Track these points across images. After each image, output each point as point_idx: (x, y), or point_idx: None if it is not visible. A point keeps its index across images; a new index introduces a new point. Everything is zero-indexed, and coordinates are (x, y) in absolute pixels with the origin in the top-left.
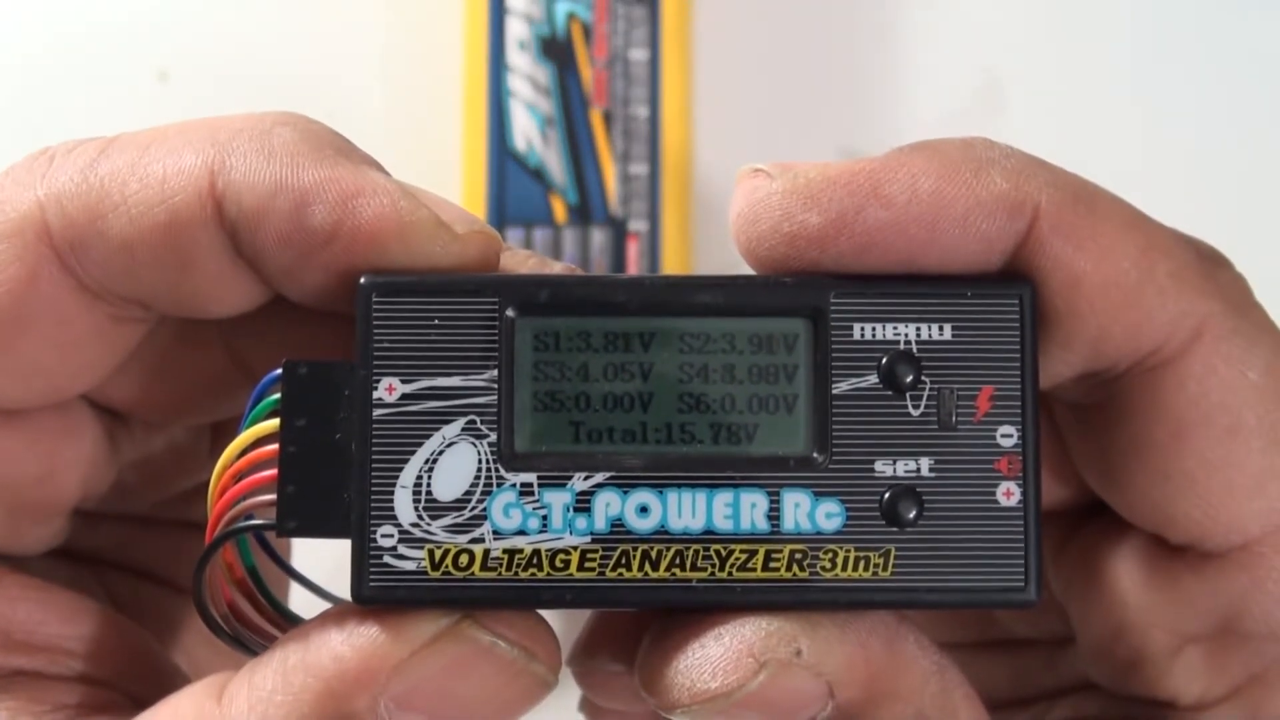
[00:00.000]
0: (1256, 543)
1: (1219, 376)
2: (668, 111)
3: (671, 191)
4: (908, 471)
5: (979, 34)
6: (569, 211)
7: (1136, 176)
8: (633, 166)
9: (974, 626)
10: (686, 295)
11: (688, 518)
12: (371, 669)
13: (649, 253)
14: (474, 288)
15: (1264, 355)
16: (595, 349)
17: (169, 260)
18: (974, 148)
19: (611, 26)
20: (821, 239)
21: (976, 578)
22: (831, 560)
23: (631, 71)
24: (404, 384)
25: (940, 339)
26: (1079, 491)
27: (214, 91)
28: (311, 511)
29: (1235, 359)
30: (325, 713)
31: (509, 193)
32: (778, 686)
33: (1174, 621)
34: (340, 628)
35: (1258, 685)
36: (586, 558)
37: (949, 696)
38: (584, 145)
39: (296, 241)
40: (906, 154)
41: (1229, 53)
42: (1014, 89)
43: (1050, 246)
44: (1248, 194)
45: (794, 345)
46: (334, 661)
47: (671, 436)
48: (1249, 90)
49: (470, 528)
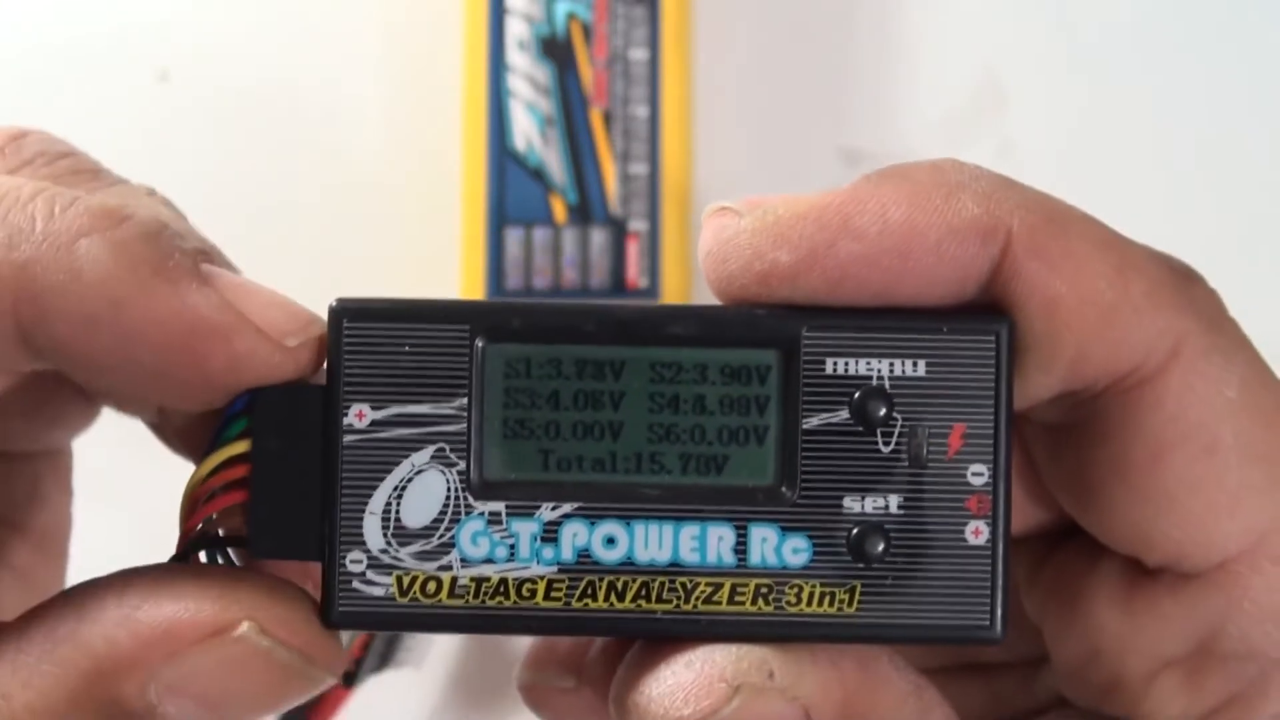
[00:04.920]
0: (1234, 562)
1: (1196, 394)
2: (668, 111)
3: (671, 191)
4: (876, 508)
5: (979, 34)
6: (569, 211)
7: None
8: (633, 166)
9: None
10: (658, 325)
11: (654, 550)
12: (144, 657)
13: (649, 253)
14: (445, 314)
15: (1240, 372)
16: (566, 377)
17: None
18: (943, 171)
19: (611, 26)
20: (793, 275)
21: (943, 615)
22: (797, 595)
23: (631, 71)
24: (374, 410)
25: (914, 375)
26: (1053, 515)
27: (214, 91)
28: (282, 534)
29: (1212, 376)
30: (91, 692)
31: (509, 193)
32: (752, 711)
33: (1150, 644)
34: (119, 602)
35: (1235, 706)
36: (553, 587)
37: (928, 716)
38: (584, 145)
39: (118, 372)
40: (875, 183)
41: (1229, 52)
42: (1014, 89)
43: (1025, 269)
44: (1248, 194)
45: (766, 377)
46: (105, 643)
47: (641, 466)
48: (1249, 90)
49: (438, 555)
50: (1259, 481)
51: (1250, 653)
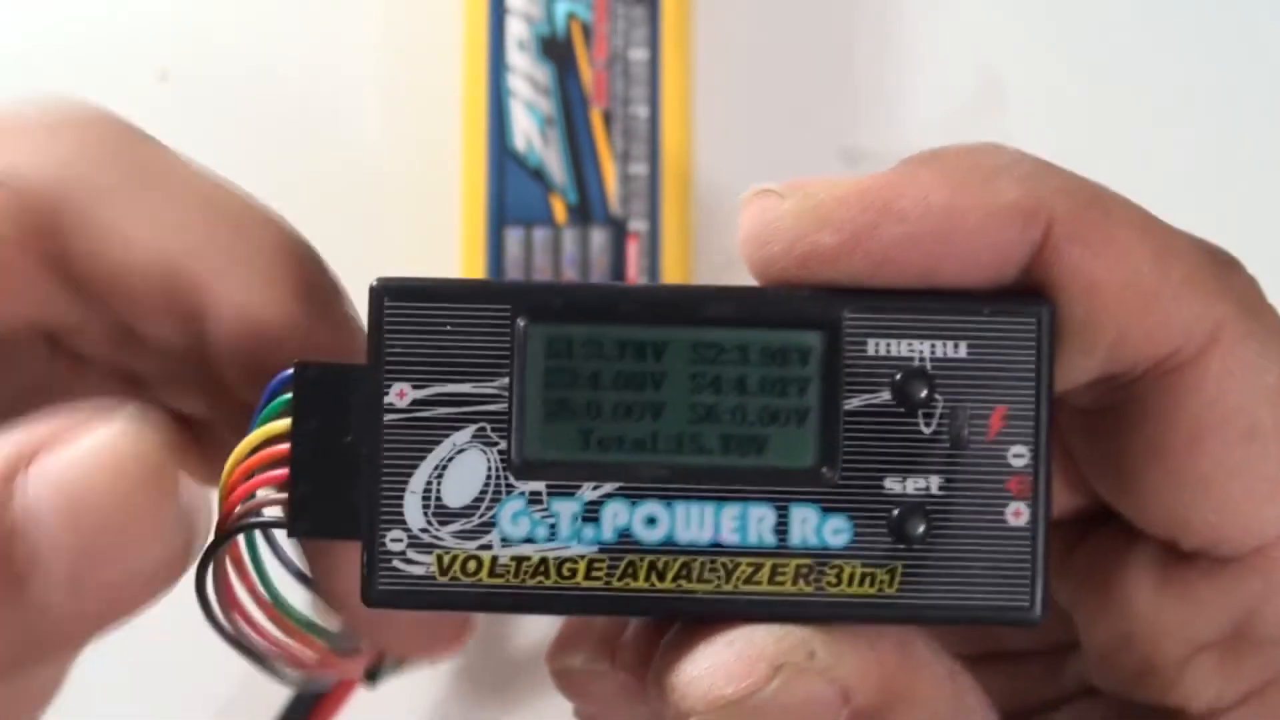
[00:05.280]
0: (1271, 546)
1: (1236, 379)
2: (668, 111)
3: (671, 191)
4: (917, 489)
5: (979, 34)
6: (569, 211)
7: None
8: (633, 166)
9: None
10: (700, 306)
11: (695, 530)
12: (28, 446)
13: (649, 253)
14: (487, 294)
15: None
16: (608, 357)
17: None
18: (984, 155)
19: (611, 26)
20: (835, 258)
21: (983, 596)
22: (838, 576)
23: (631, 71)
24: (415, 389)
25: (955, 356)
26: (1087, 499)
27: (214, 91)
28: (322, 513)
29: (1252, 362)
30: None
31: (508, 193)
32: (792, 692)
33: (1185, 629)
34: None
35: (1270, 690)
36: (593, 567)
37: (963, 700)
38: (584, 145)
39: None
40: (916, 166)
41: (1230, 52)
42: (1014, 88)
43: (1066, 254)
44: (1249, 193)
45: (807, 359)
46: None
47: (682, 446)
48: (1250, 89)
49: (479, 534)
50: None
51: None
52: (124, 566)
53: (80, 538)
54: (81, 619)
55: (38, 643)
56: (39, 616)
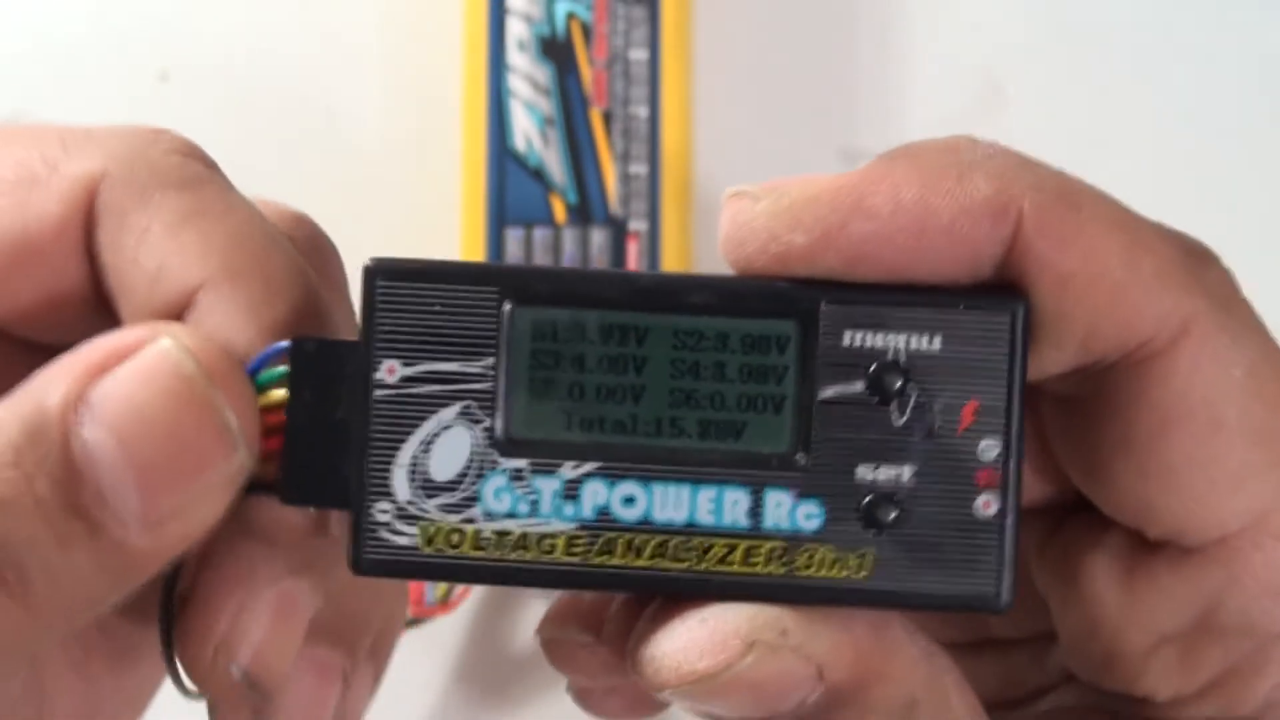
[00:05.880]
0: (1234, 538)
1: (1204, 373)
2: (668, 111)
3: (671, 191)
4: (888, 478)
5: (979, 34)
6: (569, 211)
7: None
8: (633, 166)
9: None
10: (682, 293)
11: (671, 510)
12: (77, 373)
13: (649, 252)
14: (475, 276)
15: (1249, 352)
16: (591, 341)
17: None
18: (957, 150)
19: (611, 26)
20: (809, 256)
21: (951, 584)
22: (809, 559)
23: (631, 71)
24: (405, 366)
25: (929, 350)
26: (1062, 487)
27: (214, 91)
28: (314, 483)
29: (1220, 356)
30: (22, 407)
31: (509, 193)
32: (765, 668)
33: (1149, 618)
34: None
35: (1232, 679)
36: (572, 543)
37: (939, 680)
38: (584, 145)
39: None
40: (889, 162)
41: (1229, 51)
42: (1014, 88)
43: (1036, 248)
44: (1249, 192)
45: (785, 347)
46: (47, 371)
47: (661, 430)
48: (1250, 88)
49: (463, 508)
50: (1261, 460)
51: (1248, 628)
52: (187, 490)
53: (139, 472)
54: (156, 548)
55: (119, 576)
56: (116, 552)
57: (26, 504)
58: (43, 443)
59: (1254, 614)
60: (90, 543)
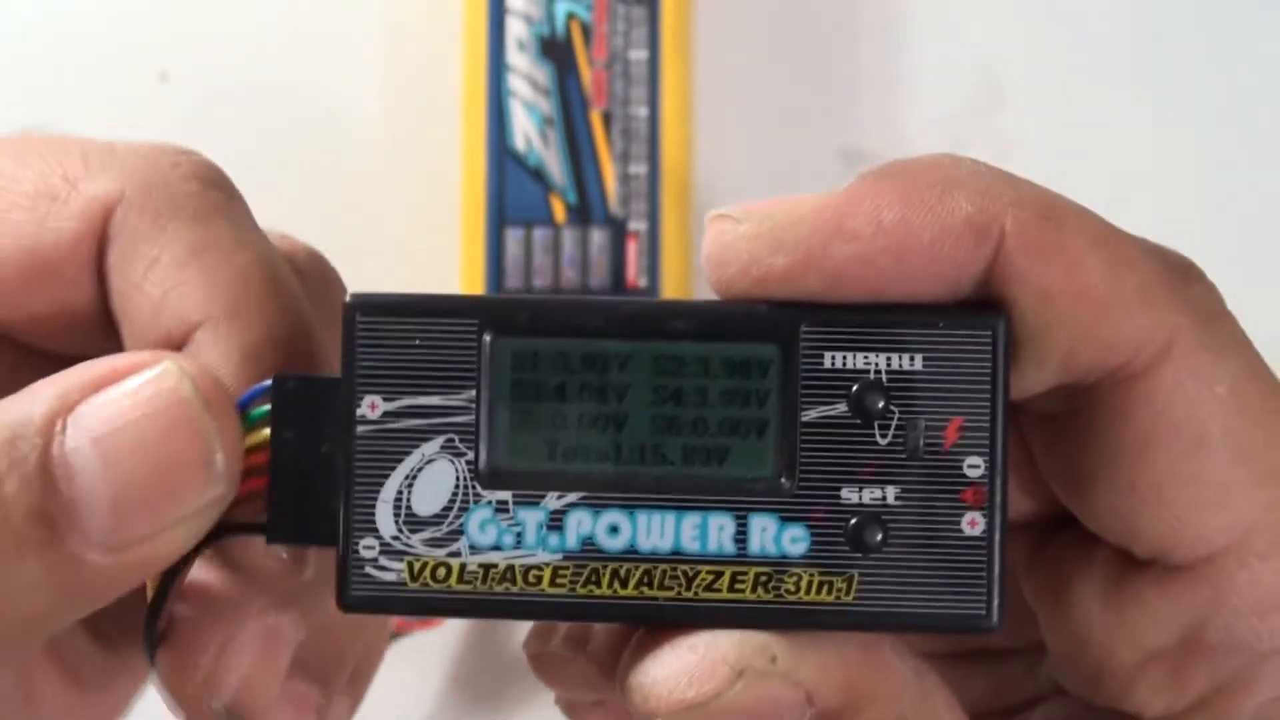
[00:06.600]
0: (1220, 555)
1: (1186, 391)
2: (667, 111)
3: (671, 191)
4: (873, 499)
5: (979, 33)
6: (568, 211)
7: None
8: (632, 166)
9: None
10: (662, 319)
11: (656, 538)
12: (70, 388)
13: (648, 252)
14: (454, 309)
15: (1232, 370)
16: (572, 370)
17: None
18: (939, 169)
19: (611, 26)
20: (789, 278)
21: (940, 604)
22: (796, 584)
23: (631, 71)
24: (386, 401)
25: (910, 369)
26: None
27: (214, 92)
28: (299, 520)
29: (1203, 373)
30: (10, 417)
31: (508, 193)
32: (754, 695)
33: (1137, 636)
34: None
35: (1220, 697)
36: (558, 574)
37: (929, 700)
38: (584, 145)
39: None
40: (871, 183)
41: (1229, 50)
42: (1013, 88)
43: (1018, 266)
44: (1250, 191)
45: (766, 371)
46: (42, 384)
47: (644, 457)
48: (1250, 87)
49: (448, 542)
50: (1245, 478)
51: (1235, 645)
52: (159, 514)
53: (115, 488)
54: (115, 571)
55: (69, 595)
56: (76, 568)
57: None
58: (22, 445)
59: (1240, 632)
60: (46, 553)
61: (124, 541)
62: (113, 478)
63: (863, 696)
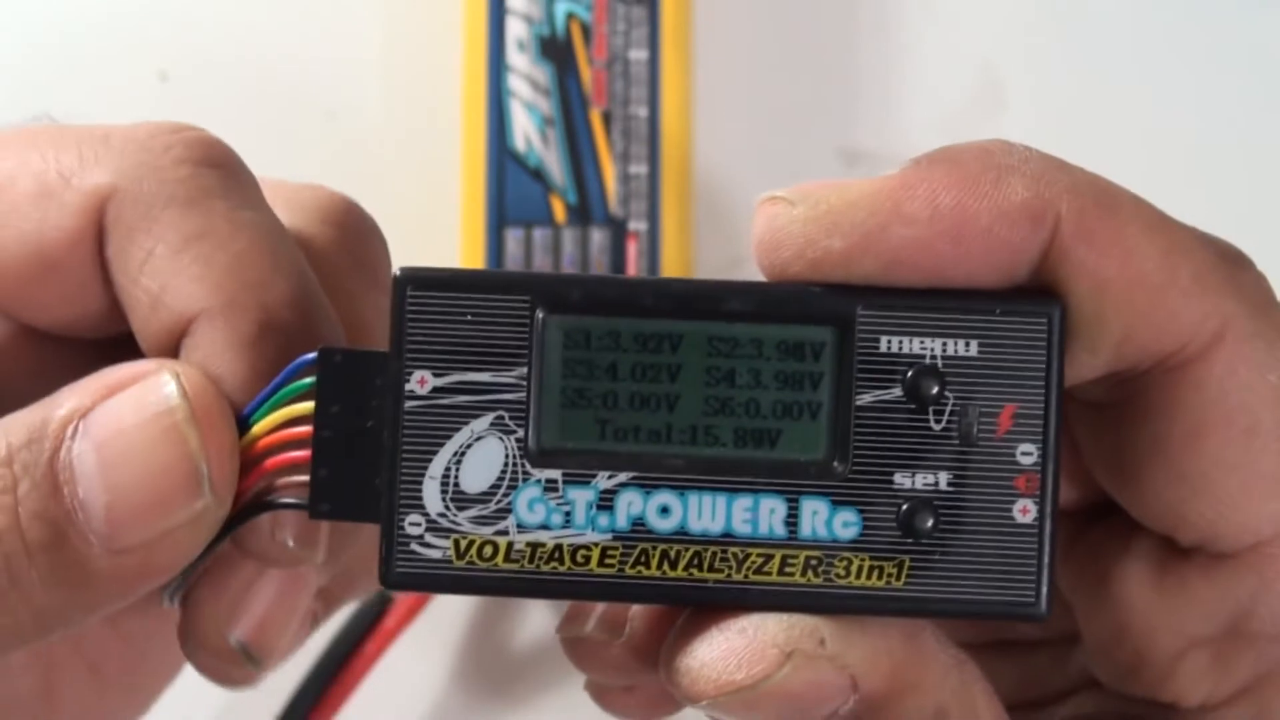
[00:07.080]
0: (1267, 544)
1: (1239, 378)
2: (668, 111)
3: (671, 191)
4: (926, 485)
5: (979, 33)
6: (568, 211)
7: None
8: (632, 166)
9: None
10: (716, 300)
11: (707, 520)
12: (86, 395)
13: (648, 252)
14: (507, 285)
15: None
16: (625, 349)
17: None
18: (993, 154)
19: (611, 26)
20: (846, 261)
21: (989, 591)
22: (846, 568)
23: (631, 71)
24: (436, 377)
25: (966, 355)
26: (1090, 491)
27: (214, 91)
28: (343, 496)
29: (1256, 361)
30: (31, 419)
31: (508, 193)
32: (802, 678)
33: (1179, 624)
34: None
35: (1264, 686)
36: (607, 554)
37: (968, 690)
38: (584, 145)
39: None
40: (925, 167)
41: (1230, 49)
42: (1014, 87)
43: (1074, 252)
44: (1250, 191)
45: (820, 353)
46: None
47: (696, 438)
48: (1251, 86)
49: (495, 520)
50: None
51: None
52: (150, 524)
53: (111, 494)
54: (116, 574)
55: (74, 595)
56: (77, 567)
57: (6, 501)
58: (37, 449)
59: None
60: (52, 553)
61: (122, 546)
62: (108, 485)
63: (906, 684)
